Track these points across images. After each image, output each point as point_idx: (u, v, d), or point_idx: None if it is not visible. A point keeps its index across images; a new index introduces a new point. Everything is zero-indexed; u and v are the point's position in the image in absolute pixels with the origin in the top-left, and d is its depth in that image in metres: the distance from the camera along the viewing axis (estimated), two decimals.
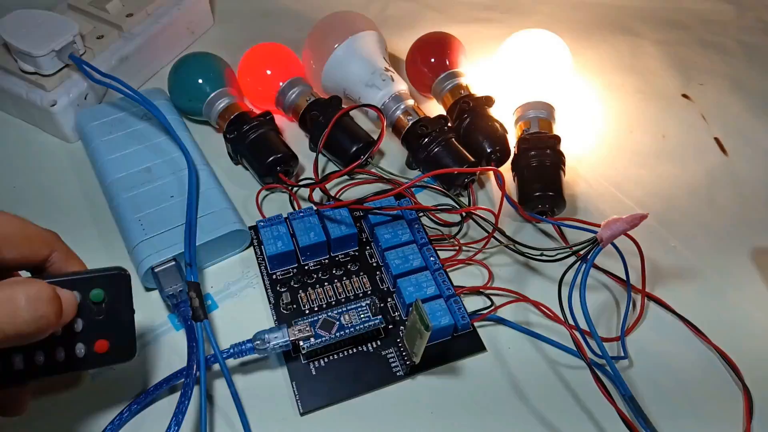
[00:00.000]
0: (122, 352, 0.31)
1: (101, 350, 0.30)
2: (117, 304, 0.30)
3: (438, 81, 0.51)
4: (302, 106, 0.49)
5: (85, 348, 0.30)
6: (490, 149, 0.47)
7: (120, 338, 0.31)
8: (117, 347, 0.30)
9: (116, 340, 0.30)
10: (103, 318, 0.30)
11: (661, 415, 0.36)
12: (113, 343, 0.30)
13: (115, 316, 0.30)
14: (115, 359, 0.31)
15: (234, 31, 0.61)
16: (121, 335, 0.31)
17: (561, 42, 0.51)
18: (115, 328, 0.30)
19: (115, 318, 0.30)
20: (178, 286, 0.38)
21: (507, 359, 0.39)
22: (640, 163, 0.51)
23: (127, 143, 0.46)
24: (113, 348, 0.30)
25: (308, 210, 0.43)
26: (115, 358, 0.31)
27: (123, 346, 0.31)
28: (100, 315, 0.30)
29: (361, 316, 0.37)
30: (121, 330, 0.31)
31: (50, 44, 0.46)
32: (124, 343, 0.31)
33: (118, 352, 0.31)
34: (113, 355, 0.30)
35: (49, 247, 0.30)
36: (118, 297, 0.30)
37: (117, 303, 0.30)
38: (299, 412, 0.36)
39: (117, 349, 0.30)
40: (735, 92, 0.57)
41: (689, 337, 0.40)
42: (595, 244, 0.35)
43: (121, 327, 0.31)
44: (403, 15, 0.64)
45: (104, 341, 0.30)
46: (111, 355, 0.30)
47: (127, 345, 0.31)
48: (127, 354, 0.31)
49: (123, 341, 0.31)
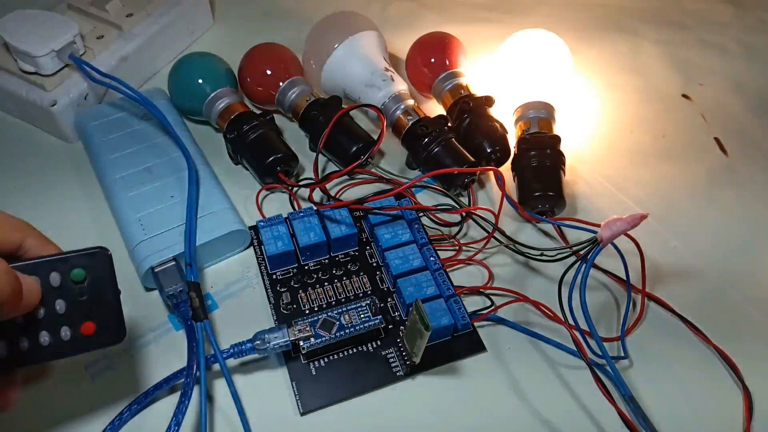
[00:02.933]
0: (110, 333, 0.30)
1: (88, 332, 0.29)
2: (100, 284, 0.29)
3: (438, 81, 0.51)
4: (302, 106, 0.49)
5: (71, 331, 0.29)
6: (490, 149, 0.47)
7: (107, 319, 0.29)
8: (104, 329, 0.29)
9: (103, 322, 0.29)
10: (86, 299, 0.29)
11: (661, 415, 0.36)
12: (100, 325, 0.29)
13: (99, 296, 0.29)
14: (103, 342, 0.30)
15: (234, 31, 0.61)
16: (107, 316, 0.30)
17: (561, 42, 0.51)
18: (101, 309, 0.29)
19: (100, 298, 0.29)
20: (178, 286, 0.38)
21: (507, 359, 0.39)
22: (640, 163, 0.51)
23: (127, 143, 0.46)
24: (101, 330, 0.29)
25: (308, 210, 0.43)
26: (104, 340, 0.30)
27: (111, 327, 0.30)
28: (83, 295, 0.29)
29: (361, 316, 0.37)
30: (107, 310, 0.30)
31: (50, 44, 0.46)
32: (111, 324, 0.30)
33: (107, 333, 0.30)
34: (101, 337, 0.29)
35: (21, 233, 0.29)
36: (101, 276, 0.29)
37: (100, 283, 0.29)
38: (299, 412, 0.36)
39: (105, 331, 0.29)
40: (735, 92, 0.57)
41: (689, 337, 0.40)
42: (595, 244, 0.35)
43: (106, 307, 0.30)
44: (403, 15, 0.64)
45: (90, 323, 0.29)
46: (99, 338, 0.29)
47: (115, 326, 0.30)
48: (115, 336, 0.30)
49: (110, 322, 0.30)
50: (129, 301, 0.40)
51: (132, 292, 0.41)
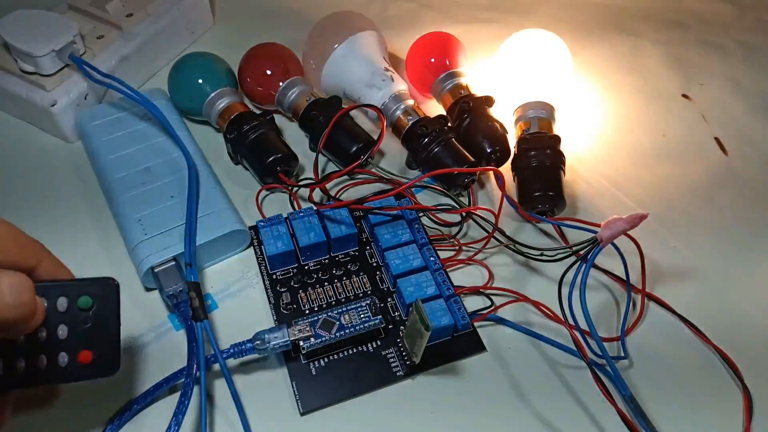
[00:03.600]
0: (106, 365, 0.29)
1: (85, 361, 0.29)
2: (104, 314, 0.29)
3: (438, 81, 0.51)
4: (302, 106, 0.49)
5: (69, 357, 0.28)
6: (490, 149, 0.47)
7: (104, 350, 0.29)
8: (101, 359, 0.29)
9: (101, 352, 0.29)
10: (89, 327, 0.29)
11: (661, 415, 0.36)
12: (97, 355, 0.29)
13: (101, 326, 0.29)
14: (97, 372, 0.29)
15: (234, 31, 0.61)
16: (105, 347, 0.29)
17: (561, 42, 0.51)
18: (101, 339, 0.29)
19: (102, 328, 0.29)
20: (178, 286, 0.38)
21: (507, 359, 0.39)
22: (640, 163, 0.51)
23: (127, 143, 0.46)
24: (97, 360, 0.29)
25: (308, 210, 0.43)
26: (98, 370, 0.29)
27: (107, 359, 0.29)
28: (86, 323, 0.29)
29: (361, 316, 0.37)
30: (107, 342, 0.29)
31: (50, 44, 0.46)
32: (108, 356, 0.30)
33: (102, 365, 0.29)
34: (96, 367, 0.29)
35: (38, 257, 0.29)
36: (106, 306, 0.29)
37: (104, 312, 0.29)
38: (299, 412, 0.36)
39: (101, 362, 0.29)
40: (735, 92, 0.57)
41: (689, 337, 0.40)
42: (595, 244, 0.35)
43: (106, 338, 0.29)
44: (403, 15, 0.64)
45: (88, 352, 0.29)
46: (94, 368, 0.29)
47: (111, 358, 0.30)
48: (110, 368, 0.30)
49: (107, 354, 0.29)
50: (129, 301, 0.40)
51: (132, 292, 0.41)
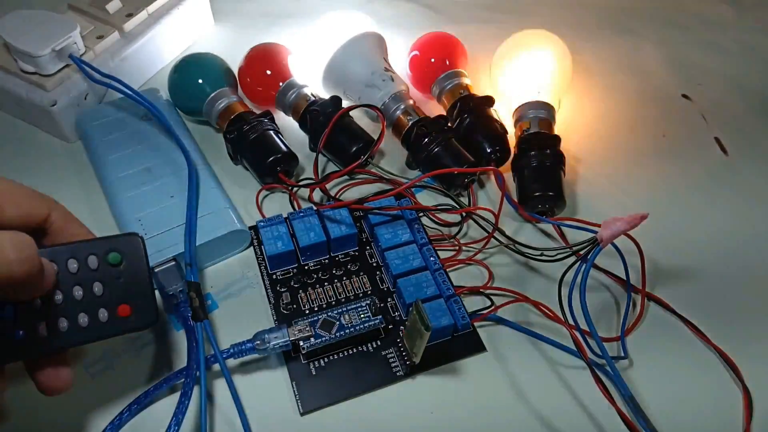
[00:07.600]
0: (144, 317, 0.31)
1: (124, 314, 0.30)
2: (135, 268, 0.31)
3: (438, 81, 0.51)
4: (302, 106, 0.49)
5: (108, 313, 0.30)
6: (490, 149, 0.47)
7: (141, 303, 0.31)
8: (139, 312, 0.31)
9: (138, 305, 0.31)
10: (122, 281, 0.30)
11: (661, 415, 0.36)
12: (135, 308, 0.30)
13: (133, 279, 0.31)
14: (138, 325, 0.31)
15: (234, 31, 0.61)
16: (142, 300, 0.31)
17: (561, 42, 0.51)
18: (135, 292, 0.31)
19: (134, 282, 0.31)
20: (178, 286, 0.38)
21: (507, 359, 0.39)
22: (640, 163, 0.51)
23: (127, 143, 0.46)
24: (135, 312, 0.30)
25: (308, 210, 0.43)
26: (138, 323, 0.31)
27: (145, 311, 0.31)
28: (119, 278, 0.30)
29: (361, 316, 0.37)
30: (142, 294, 0.31)
31: (50, 44, 0.46)
32: (145, 308, 0.31)
33: (141, 316, 0.31)
34: (136, 320, 0.31)
35: (48, 206, 0.30)
36: (135, 261, 0.31)
37: (135, 267, 0.31)
38: (299, 412, 0.36)
39: (139, 314, 0.31)
40: (735, 92, 0.57)
41: (689, 337, 0.40)
42: (595, 244, 0.35)
43: (141, 291, 0.31)
44: (403, 15, 0.64)
45: (126, 306, 0.30)
46: (134, 320, 0.30)
47: (149, 309, 0.31)
48: (149, 318, 0.31)
49: (144, 306, 0.31)
50: None
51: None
